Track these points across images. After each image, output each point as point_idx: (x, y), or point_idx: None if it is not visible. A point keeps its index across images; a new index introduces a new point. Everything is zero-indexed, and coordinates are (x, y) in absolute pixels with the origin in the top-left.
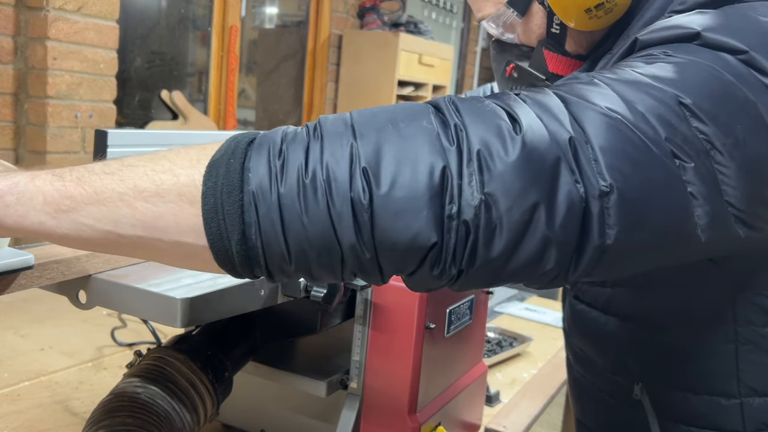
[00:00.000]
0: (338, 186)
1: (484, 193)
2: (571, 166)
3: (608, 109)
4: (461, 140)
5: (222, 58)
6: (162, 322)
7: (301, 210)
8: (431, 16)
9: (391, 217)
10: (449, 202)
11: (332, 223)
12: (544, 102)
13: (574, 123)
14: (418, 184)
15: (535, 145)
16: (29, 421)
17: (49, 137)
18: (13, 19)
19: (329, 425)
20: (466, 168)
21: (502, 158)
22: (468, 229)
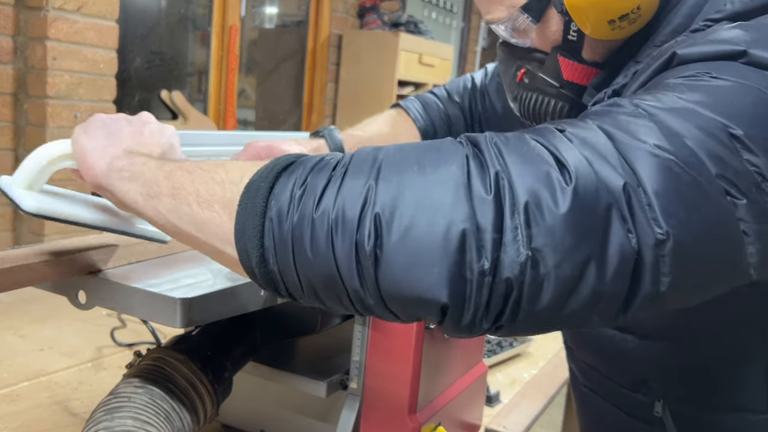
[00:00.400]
0: (345, 227)
1: (532, 248)
2: (623, 213)
3: (658, 147)
4: (502, 189)
5: (222, 58)
6: (162, 323)
7: (308, 244)
8: (431, 16)
9: (399, 269)
10: (478, 258)
11: (336, 263)
12: (591, 141)
13: (624, 165)
14: (433, 237)
15: (586, 194)
16: (28, 422)
17: (49, 137)
18: (13, 18)
19: (329, 425)
20: (510, 221)
21: (552, 211)
22: (510, 286)
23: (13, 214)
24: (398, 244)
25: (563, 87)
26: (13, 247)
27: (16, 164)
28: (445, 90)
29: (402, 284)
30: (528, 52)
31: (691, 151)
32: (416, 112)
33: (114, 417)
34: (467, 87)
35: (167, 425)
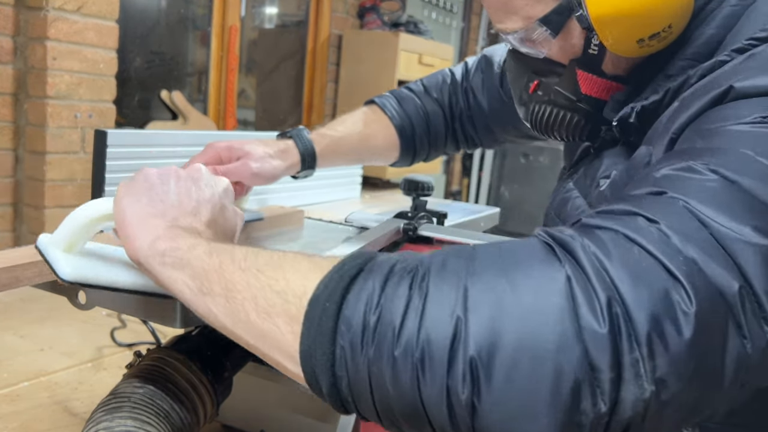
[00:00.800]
0: (434, 370)
1: (655, 380)
2: (738, 320)
3: (757, 230)
4: (617, 319)
5: (222, 58)
6: (162, 323)
7: (389, 382)
8: (431, 16)
9: (500, 420)
10: (594, 403)
11: (423, 405)
12: (692, 235)
13: (730, 261)
14: (540, 385)
15: (706, 312)
16: (28, 422)
17: (49, 137)
18: (13, 18)
19: (329, 425)
20: (628, 356)
21: (675, 338)
22: (628, 425)
23: (14, 214)
24: (499, 395)
25: (580, 101)
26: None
27: (17, 164)
28: (422, 84)
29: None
30: (542, 62)
31: None
32: (392, 110)
33: (114, 417)
34: (446, 82)
35: (167, 425)
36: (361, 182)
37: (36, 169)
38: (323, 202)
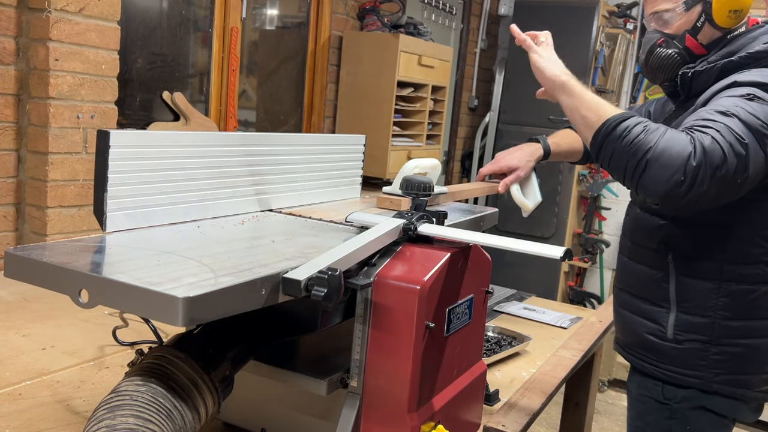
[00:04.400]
0: (642, 154)
1: (712, 171)
2: (747, 151)
3: (732, 115)
4: (702, 154)
5: (223, 60)
6: (164, 321)
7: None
8: (431, 18)
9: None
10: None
11: (641, 163)
12: (723, 126)
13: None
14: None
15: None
16: (31, 420)
17: (51, 138)
18: (15, 20)
19: (329, 424)
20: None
21: (712, 166)
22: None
23: (16, 213)
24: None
25: (683, 48)
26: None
27: (19, 164)
28: None
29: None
30: (664, 34)
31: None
32: None
33: (116, 415)
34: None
35: (169, 423)
36: (361, 182)
37: (38, 169)
38: (323, 202)
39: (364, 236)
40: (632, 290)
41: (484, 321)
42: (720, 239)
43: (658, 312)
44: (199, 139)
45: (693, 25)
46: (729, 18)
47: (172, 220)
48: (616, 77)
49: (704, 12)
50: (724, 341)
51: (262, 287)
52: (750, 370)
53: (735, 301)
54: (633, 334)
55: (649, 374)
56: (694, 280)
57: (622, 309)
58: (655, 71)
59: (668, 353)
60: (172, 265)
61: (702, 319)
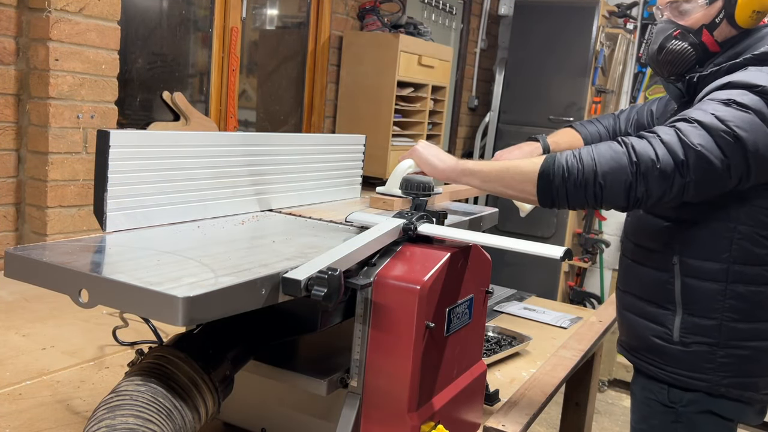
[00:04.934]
0: (581, 179)
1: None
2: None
3: (704, 118)
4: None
5: (223, 60)
6: (164, 321)
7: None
8: (431, 18)
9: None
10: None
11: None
12: (690, 129)
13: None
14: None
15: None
16: (31, 420)
17: (51, 138)
18: (15, 20)
19: (329, 423)
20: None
21: (656, 165)
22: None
23: (16, 213)
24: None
25: (699, 44)
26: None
27: (19, 164)
28: (599, 118)
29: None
30: (682, 27)
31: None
32: (580, 128)
33: (116, 415)
34: (616, 117)
35: (169, 423)
36: (361, 182)
37: (38, 169)
38: (323, 202)
39: (364, 236)
40: (636, 292)
41: (484, 321)
42: (725, 240)
43: (663, 314)
44: (199, 139)
45: (711, 21)
46: (751, 18)
47: (172, 220)
48: (616, 77)
49: (725, 8)
50: (731, 344)
51: (262, 287)
52: (757, 373)
53: (742, 302)
54: (638, 336)
55: (655, 377)
56: (700, 282)
57: (627, 311)
58: (666, 65)
59: (675, 356)
60: (172, 265)
61: (709, 321)
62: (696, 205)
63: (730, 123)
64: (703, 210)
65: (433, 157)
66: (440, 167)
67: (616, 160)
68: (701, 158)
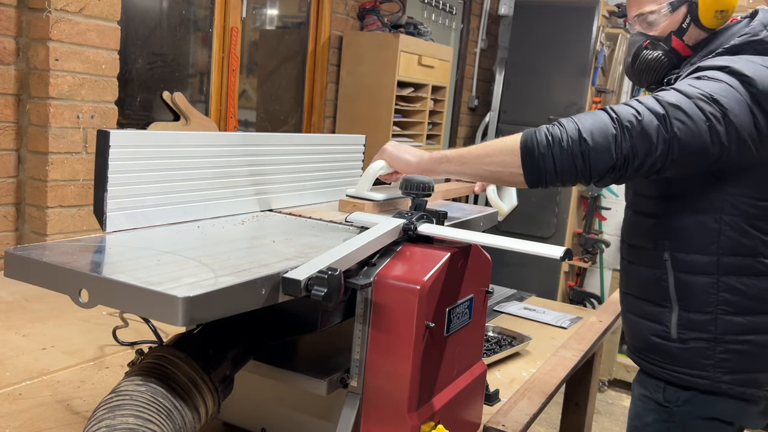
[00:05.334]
0: (567, 144)
1: (632, 144)
2: (667, 120)
3: (678, 93)
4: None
5: (223, 60)
6: (164, 321)
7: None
8: (431, 18)
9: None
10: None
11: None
12: (651, 102)
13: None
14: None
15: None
16: (31, 420)
17: (51, 137)
18: (15, 20)
19: (329, 423)
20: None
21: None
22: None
23: (16, 213)
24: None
25: (670, 51)
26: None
27: (19, 164)
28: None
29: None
30: (649, 36)
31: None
32: None
33: (116, 415)
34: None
35: (169, 423)
36: None
37: (38, 169)
38: (324, 202)
39: (364, 236)
40: (635, 292)
41: (484, 321)
42: (712, 232)
43: (660, 312)
44: (199, 139)
45: (678, 27)
46: (715, 18)
47: (172, 220)
48: (616, 77)
49: (690, 13)
50: (728, 338)
51: (262, 287)
52: (757, 368)
53: (735, 295)
54: (640, 337)
55: (655, 375)
56: (692, 276)
57: (629, 313)
58: (642, 74)
59: (673, 354)
60: (172, 265)
61: (704, 315)
62: (681, 197)
63: (706, 90)
64: (688, 202)
65: (405, 154)
66: (414, 162)
67: (597, 119)
68: (682, 113)
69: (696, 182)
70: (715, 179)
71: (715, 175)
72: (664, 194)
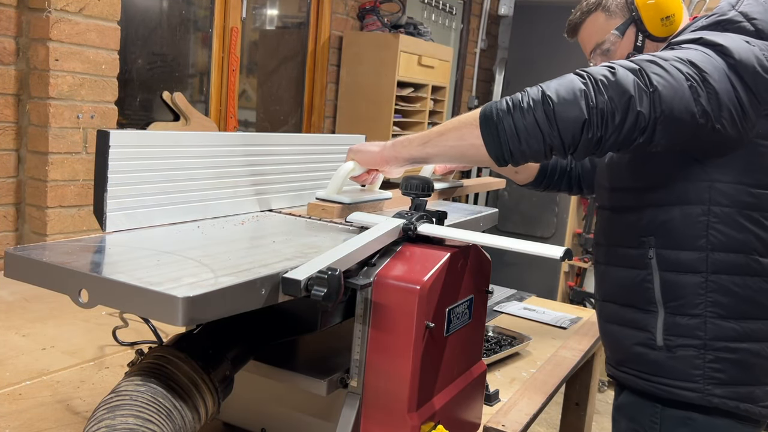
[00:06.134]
0: (529, 104)
1: (606, 101)
2: (641, 84)
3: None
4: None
5: (223, 60)
6: (163, 321)
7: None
8: (431, 18)
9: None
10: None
11: (534, 120)
12: (628, 63)
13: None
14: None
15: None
16: (31, 420)
17: (51, 138)
18: (15, 20)
19: (329, 424)
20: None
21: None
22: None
23: (16, 213)
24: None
25: None
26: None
27: (19, 164)
28: None
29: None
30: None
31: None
32: None
33: (116, 415)
34: None
35: (169, 423)
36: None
37: (38, 169)
38: None
39: (364, 236)
40: (615, 299)
41: (484, 321)
42: (699, 225)
43: (645, 318)
44: (199, 139)
45: (634, 46)
46: (664, 26)
47: (172, 220)
48: None
49: (639, 30)
50: (718, 345)
51: (262, 287)
52: (752, 381)
53: (726, 296)
54: (621, 348)
55: (641, 390)
56: (678, 275)
57: (608, 323)
58: None
59: (659, 363)
60: (172, 265)
61: (691, 319)
62: (663, 186)
63: (683, 55)
64: (672, 192)
65: (369, 146)
66: (377, 151)
67: (564, 79)
68: (659, 68)
69: (677, 168)
70: (698, 163)
71: (696, 159)
72: (645, 185)
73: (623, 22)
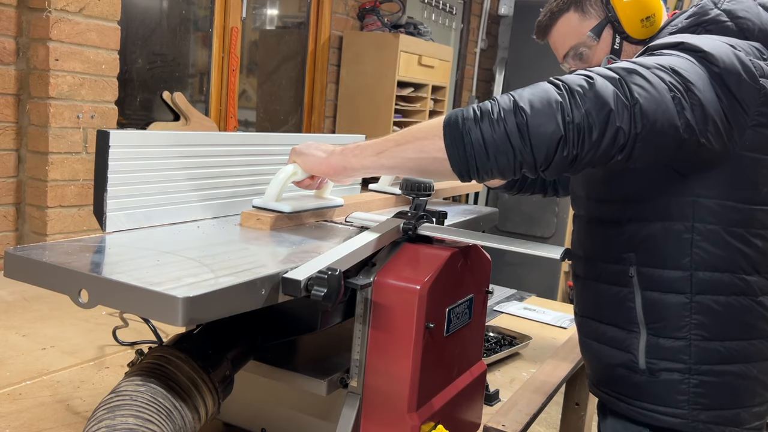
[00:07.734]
0: (500, 114)
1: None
2: (622, 92)
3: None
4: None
5: (223, 60)
6: (163, 321)
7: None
8: (431, 18)
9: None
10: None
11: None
12: (607, 72)
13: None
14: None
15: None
16: (31, 420)
17: (51, 137)
18: (15, 20)
19: (329, 424)
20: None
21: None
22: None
23: (16, 213)
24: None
25: None
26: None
27: (19, 164)
28: None
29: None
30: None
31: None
32: None
33: (116, 415)
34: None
35: (169, 423)
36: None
37: (38, 169)
38: None
39: (364, 236)
40: (595, 315)
41: (484, 321)
42: (683, 242)
43: (626, 338)
44: (199, 139)
45: (611, 49)
46: (644, 28)
47: (172, 220)
48: None
49: (616, 32)
50: (703, 369)
51: (262, 287)
52: (737, 404)
53: (711, 317)
54: (603, 367)
55: (623, 414)
56: (661, 295)
57: (588, 339)
58: None
59: (641, 387)
60: (172, 265)
61: (676, 341)
62: (644, 200)
63: (664, 62)
64: (653, 207)
65: (315, 149)
66: (324, 157)
67: (538, 88)
68: (640, 78)
69: (658, 181)
70: (680, 177)
71: (678, 172)
72: (625, 197)
73: (599, 23)
